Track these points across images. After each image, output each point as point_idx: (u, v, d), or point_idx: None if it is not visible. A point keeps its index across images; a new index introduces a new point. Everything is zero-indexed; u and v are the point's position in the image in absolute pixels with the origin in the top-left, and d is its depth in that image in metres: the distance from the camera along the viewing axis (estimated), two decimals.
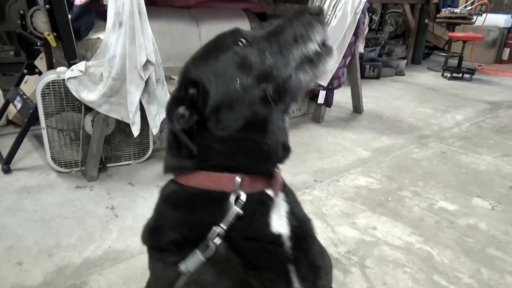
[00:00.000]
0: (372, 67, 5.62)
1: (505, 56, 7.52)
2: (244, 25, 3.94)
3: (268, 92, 0.75)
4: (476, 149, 3.27)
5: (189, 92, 0.76)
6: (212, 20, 3.78)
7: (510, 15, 7.52)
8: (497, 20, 7.37)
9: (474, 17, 6.22)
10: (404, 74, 5.99)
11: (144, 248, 0.93)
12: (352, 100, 4.07)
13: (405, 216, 2.28)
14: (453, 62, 6.24)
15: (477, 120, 3.98)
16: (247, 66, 0.75)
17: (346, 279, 1.78)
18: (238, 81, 0.74)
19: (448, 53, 6.30)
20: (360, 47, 3.73)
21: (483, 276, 1.82)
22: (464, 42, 5.98)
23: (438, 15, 6.39)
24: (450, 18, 6.17)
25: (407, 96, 4.86)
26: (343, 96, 4.33)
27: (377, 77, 5.65)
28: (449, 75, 5.91)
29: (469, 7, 6.26)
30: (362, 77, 5.53)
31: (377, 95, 4.83)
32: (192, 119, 0.75)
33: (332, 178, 2.69)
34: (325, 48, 0.78)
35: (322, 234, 2.08)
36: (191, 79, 0.78)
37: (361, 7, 3.43)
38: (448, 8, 6.31)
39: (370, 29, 6.35)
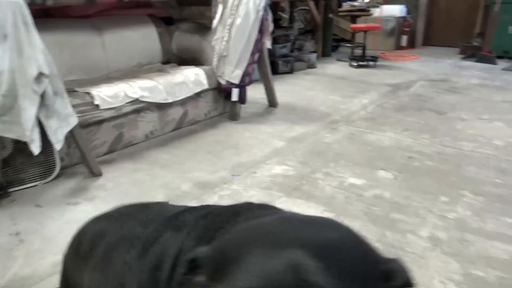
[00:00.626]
0: (285, 63, 5.84)
1: (403, 42, 8.22)
2: (150, 30, 3.91)
3: None
4: (380, 128, 3.55)
5: None
6: (116, 28, 3.69)
7: (404, 6, 8.24)
8: (393, 10, 8.04)
9: (372, 9, 6.73)
10: (315, 67, 6.30)
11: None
12: (267, 95, 4.21)
13: (318, 196, 2.41)
14: (359, 52, 6.68)
15: (381, 102, 4.31)
16: None
17: None
18: None
19: (353, 44, 6.73)
20: (267, 43, 3.87)
21: (388, 239, 1.99)
22: (365, 32, 6.43)
23: (340, 9, 6.82)
24: (351, 11, 6.62)
25: (319, 86, 5.13)
26: (259, 92, 4.45)
27: (291, 71, 5.88)
28: (355, 64, 6.33)
29: (367, 0, 6.76)
30: (276, 72, 5.74)
31: (291, 88, 5.03)
32: None
33: (249, 170, 2.76)
34: None
35: None
36: None
37: (262, 4, 3.56)
38: (349, 2, 6.77)
39: (280, 27, 6.58)
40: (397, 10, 8.06)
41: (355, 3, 6.59)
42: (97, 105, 2.78)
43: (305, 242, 0.52)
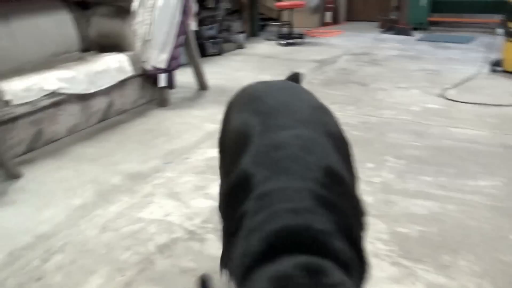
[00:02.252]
0: (213, 44, 5.76)
1: (328, 19, 8.45)
2: (64, 16, 3.64)
3: None
4: None
5: None
6: (26, 15, 3.39)
7: None
8: None
9: None
10: (244, 47, 6.29)
11: None
12: (196, 79, 4.13)
13: None
14: (286, 30, 6.76)
15: (309, 78, 4.42)
16: None
17: (203, 246, 1.84)
18: None
19: (279, 22, 6.79)
20: (192, 25, 3.77)
21: None
22: (291, 10, 6.51)
23: None
24: None
25: (248, 67, 5.13)
26: (187, 76, 4.36)
27: (220, 53, 5.82)
28: (283, 42, 6.42)
29: None
30: (205, 55, 5.64)
31: (221, 70, 4.99)
32: None
33: (182, 157, 2.72)
34: None
35: (177, 212, 2.10)
36: None
37: None
38: None
39: (206, 8, 6.46)
40: None
41: None
42: (8, 101, 2.55)
43: None
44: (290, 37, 6.50)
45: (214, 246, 1.83)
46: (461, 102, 3.54)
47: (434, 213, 1.99)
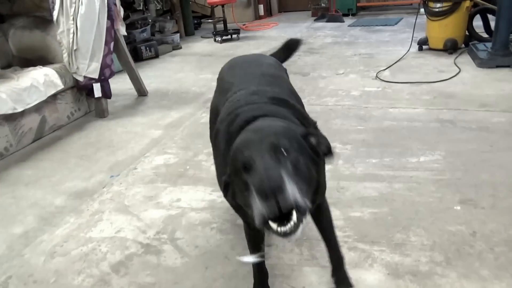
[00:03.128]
0: (148, 48, 5.58)
1: (261, 12, 8.50)
2: None
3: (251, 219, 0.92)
4: None
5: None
6: None
7: None
8: None
9: None
10: (181, 47, 6.16)
11: None
12: (133, 85, 3.98)
13: (204, 178, 2.39)
14: (221, 26, 6.71)
15: None
16: (263, 195, 0.85)
17: (160, 258, 1.77)
18: (252, 202, 0.88)
19: (213, 19, 6.72)
20: (121, 30, 3.61)
21: None
22: (223, 6, 6.46)
23: None
24: None
25: (188, 67, 5.04)
26: (124, 83, 4.19)
27: (156, 55, 5.65)
28: (220, 39, 6.36)
29: None
30: (141, 59, 5.48)
31: (159, 73, 4.85)
32: (234, 201, 1.08)
33: (129, 167, 2.60)
34: (277, 231, 0.89)
35: (129, 226, 2.01)
36: (228, 180, 1.08)
37: None
38: None
39: (136, 10, 6.24)
40: None
41: None
42: None
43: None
44: (226, 33, 6.46)
45: (172, 257, 1.77)
46: (396, 82, 3.71)
47: (384, 193, 2.06)
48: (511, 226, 1.72)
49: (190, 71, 4.83)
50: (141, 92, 3.98)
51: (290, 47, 2.06)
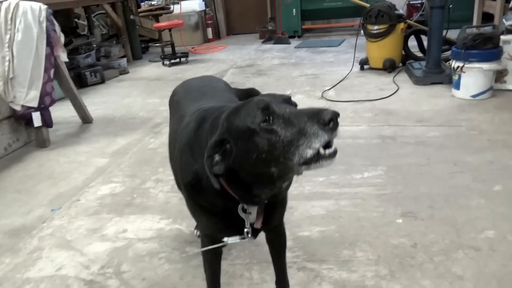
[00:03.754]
0: (93, 73, 5.43)
1: (210, 35, 8.59)
2: None
3: (274, 171, 0.97)
4: None
5: (226, 146, 1.00)
6: None
7: (201, 0, 8.56)
8: (193, 5, 8.28)
9: (172, 6, 6.79)
10: (128, 72, 6.06)
11: None
12: (77, 112, 3.84)
13: (152, 206, 2.33)
14: (170, 50, 6.69)
15: None
16: (263, 144, 0.93)
17: None
18: (255, 154, 0.95)
19: (161, 42, 6.69)
20: (62, 56, 3.50)
21: None
22: (170, 29, 6.46)
23: (140, 10, 6.67)
24: (150, 10, 6.53)
25: (135, 92, 4.95)
26: (68, 110, 4.04)
27: (102, 81, 5.51)
28: (168, 63, 6.33)
29: None
30: (86, 85, 5.32)
31: (105, 99, 4.73)
32: (222, 166, 1.00)
33: (72, 199, 2.48)
34: (326, 155, 0.92)
35: (71, 262, 1.90)
36: (227, 138, 1.00)
37: (44, 15, 3.19)
38: (146, 1, 6.66)
39: (79, 35, 6.09)
40: (196, 4, 8.33)
41: (153, 2, 6.53)
42: None
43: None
44: (174, 57, 6.44)
45: None
46: (340, 101, 3.85)
47: (331, 211, 2.10)
48: (448, 235, 1.82)
49: (138, 96, 4.75)
50: (86, 119, 3.85)
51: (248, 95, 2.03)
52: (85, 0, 5.89)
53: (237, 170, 1.01)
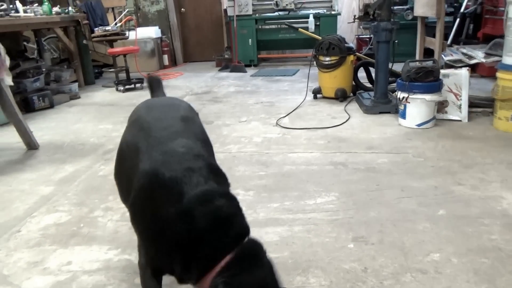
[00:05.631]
0: (41, 98, 5.22)
1: (166, 62, 8.57)
2: None
3: None
4: None
5: None
6: None
7: (157, 27, 8.58)
8: (149, 32, 8.27)
9: (127, 32, 6.73)
10: (79, 97, 5.88)
11: None
12: (21, 138, 3.65)
13: (100, 236, 2.22)
14: (124, 75, 6.58)
15: None
16: None
17: None
18: None
19: (115, 68, 6.58)
20: (7, 80, 3.34)
21: None
22: (125, 55, 6.38)
23: (93, 35, 6.56)
24: (105, 36, 6.44)
25: (86, 117, 4.79)
26: (11, 135, 3.83)
27: (51, 106, 5.30)
28: (122, 88, 6.22)
29: (119, 24, 6.72)
30: (33, 110, 5.11)
31: (53, 124, 4.53)
32: None
33: (11, 231, 2.32)
34: None
35: None
36: None
37: None
38: (100, 26, 6.57)
39: (28, 59, 5.86)
40: (152, 31, 8.33)
41: (108, 27, 6.46)
42: None
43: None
44: (129, 83, 6.34)
45: None
46: (294, 128, 3.94)
47: (285, 237, 2.10)
48: (397, 259, 1.87)
49: (89, 121, 4.60)
50: (31, 145, 3.65)
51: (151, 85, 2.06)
52: (35, 24, 5.71)
53: None
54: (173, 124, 1.47)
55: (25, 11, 5.71)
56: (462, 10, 6.34)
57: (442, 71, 3.91)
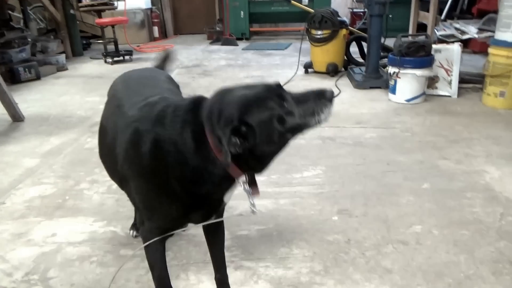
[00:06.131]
0: (27, 69, 5.10)
1: (156, 34, 8.39)
2: None
3: (290, 139, 1.12)
4: None
5: (243, 129, 1.04)
6: None
7: None
8: (139, 2, 8.05)
9: (115, 2, 6.55)
10: (67, 69, 5.76)
11: None
12: (6, 109, 3.58)
13: (86, 208, 2.22)
14: (113, 47, 6.44)
15: None
16: (283, 123, 1.07)
17: None
18: (276, 133, 1.07)
19: (104, 39, 6.42)
20: None
21: None
22: (113, 26, 6.23)
23: (81, 4, 6.38)
24: (92, 5, 6.26)
25: (73, 89, 4.71)
26: None
27: (37, 77, 5.19)
28: (111, 60, 6.10)
29: None
30: (19, 81, 5.00)
31: (39, 96, 4.45)
32: (241, 147, 1.04)
33: None
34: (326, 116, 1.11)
35: None
36: (246, 120, 1.05)
37: None
38: None
39: (13, 28, 5.69)
40: (142, 2, 8.11)
41: None
42: None
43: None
44: (117, 55, 6.22)
45: None
46: None
47: (270, 210, 2.12)
48: (379, 231, 1.90)
49: (76, 93, 4.52)
50: (16, 117, 3.59)
51: (165, 59, 2.03)
52: None
53: (255, 149, 1.07)
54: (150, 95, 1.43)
55: None
56: None
57: (434, 46, 3.87)
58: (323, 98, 1.11)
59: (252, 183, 1.24)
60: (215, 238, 1.48)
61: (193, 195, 1.18)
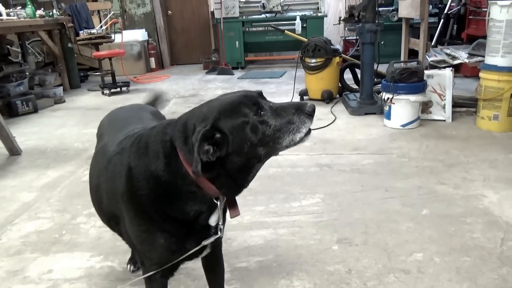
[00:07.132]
0: (24, 102, 5.14)
1: (153, 65, 8.52)
2: None
3: (262, 154, 1.07)
4: None
5: (216, 135, 1.02)
6: None
7: (143, 30, 8.53)
8: (135, 35, 8.21)
9: (113, 35, 6.68)
10: (64, 101, 5.80)
11: None
12: (3, 143, 3.59)
13: (82, 243, 2.19)
14: (110, 79, 6.52)
15: None
16: (255, 133, 1.03)
17: None
18: (249, 142, 1.04)
19: (101, 71, 6.51)
20: None
21: None
22: (110, 59, 6.33)
23: (78, 38, 6.49)
24: (90, 39, 6.38)
25: (71, 122, 4.73)
26: None
27: (35, 110, 5.22)
28: (108, 92, 6.16)
29: (104, 27, 6.66)
30: (17, 114, 5.04)
31: (37, 129, 4.47)
32: (213, 155, 1.01)
33: None
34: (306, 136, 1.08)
35: None
36: (218, 126, 1.03)
37: None
38: (85, 29, 6.51)
39: (12, 62, 5.77)
40: (139, 34, 8.27)
41: (93, 30, 6.40)
42: None
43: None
44: (114, 86, 6.29)
45: None
46: None
47: (269, 240, 2.09)
48: (380, 259, 1.87)
49: (74, 126, 4.54)
50: (13, 151, 3.59)
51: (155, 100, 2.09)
52: (18, 27, 5.64)
53: (226, 160, 1.04)
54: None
55: (8, 14, 5.64)
56: (446, 11, 6.42)
57: (426, 72, 3.95)
58: (302, 114, 1.06)
59: (231, 203, 1.20)
60: (214, 274, 1.46)
61: (173, 220, 1.13)
